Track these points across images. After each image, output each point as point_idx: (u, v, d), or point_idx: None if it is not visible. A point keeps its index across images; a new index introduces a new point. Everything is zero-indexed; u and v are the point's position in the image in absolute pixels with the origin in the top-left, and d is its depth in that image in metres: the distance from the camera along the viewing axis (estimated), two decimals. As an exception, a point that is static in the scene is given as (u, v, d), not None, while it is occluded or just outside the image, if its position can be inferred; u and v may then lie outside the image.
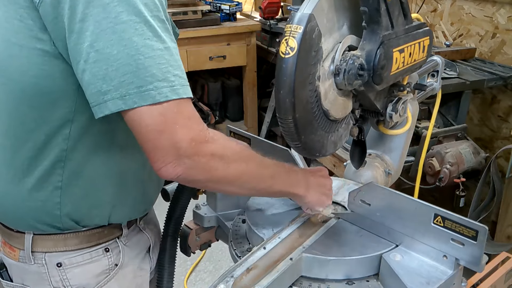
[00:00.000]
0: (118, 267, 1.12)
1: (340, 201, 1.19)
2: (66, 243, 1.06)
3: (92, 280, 1.09)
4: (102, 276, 1.10)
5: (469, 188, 2.46)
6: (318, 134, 0.98)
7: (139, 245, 1.20)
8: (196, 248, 1.30)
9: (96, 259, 1.09)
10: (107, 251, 1.10)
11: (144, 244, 1.22)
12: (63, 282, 1.07)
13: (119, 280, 1.13)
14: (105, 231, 1.09)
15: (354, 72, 0.93)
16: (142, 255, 1.21)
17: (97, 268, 1.09)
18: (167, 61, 0.88)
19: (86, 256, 1.08)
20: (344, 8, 0.96)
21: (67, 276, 1.07)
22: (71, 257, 1.07)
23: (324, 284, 0.96)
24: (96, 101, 0.86)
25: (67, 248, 1.06)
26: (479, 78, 2.46)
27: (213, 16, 3.77)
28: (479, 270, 0.91)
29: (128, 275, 1.15)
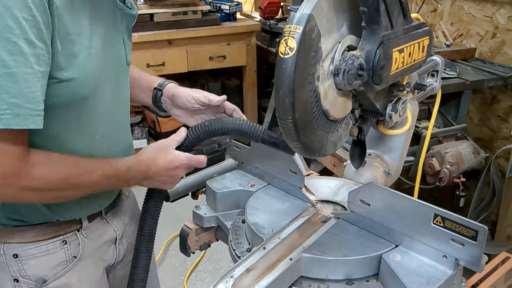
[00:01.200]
0: (77, 259, 1.15)
1: (340, 201, 1.19)
2: (22, 235, 1.09)
3: (49, 271, 1.12)
4: (60, 267, 1.13)
5: (469, 188, 2.46)
6: (318, 134, 0.98)
7: (103, 237, 1.23)
8: (196, 248, 1.30)
9: (52, 251, 1.12)
10: (64, 243, 1.12)
11: (109, 236, 1.26)
12: (20, 272, 1.10)
13: (79, 271, 1.16)
14: (62, 225, 1.12)
15: (353, 72, 0.93)
16: (105, 246, 1.25)
17: (54, 260, 1.12)
18: (2, 87, 0.85)
19: (43, 248, 1.10)
20: (343, 8, 0.96)
21: (23, 267, 1.10)
22: (27, 249, 1.09)
23: (324, 284, 0.96)
24: None
25: (23, 240, 1.09)
26: (479, 78, 2.46)
27: (213, 16, 3.77)
28: (479, 270, 0.91)
29: (88, 267, 1.18)
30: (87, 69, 1.00)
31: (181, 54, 3.61)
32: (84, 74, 0.99)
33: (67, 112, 1.02)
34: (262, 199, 1.20)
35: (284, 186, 1.24)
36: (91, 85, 1.02)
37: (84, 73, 0.99)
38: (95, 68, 1.02)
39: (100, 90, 1.06)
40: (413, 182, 1.41)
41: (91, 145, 1.10)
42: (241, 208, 1.23)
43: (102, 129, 1.11)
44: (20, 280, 1.11)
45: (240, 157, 1.36)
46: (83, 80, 0.99)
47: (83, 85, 1.00)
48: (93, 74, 1.02)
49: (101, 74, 1.05)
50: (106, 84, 1.09)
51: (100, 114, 1.09)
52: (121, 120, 1.20)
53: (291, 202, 1.19)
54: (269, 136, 1.13)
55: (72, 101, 1.01)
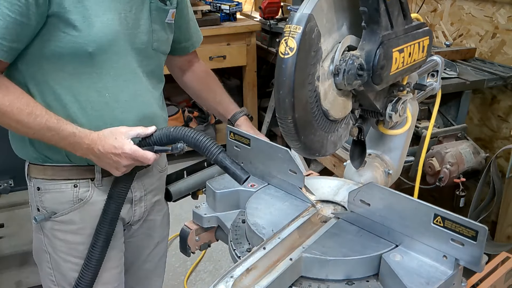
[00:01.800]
0: (83, 202, 1.35)
1: (340, 201, 1.19)
2: (45, 172, 1.34)
3: (58, 206, 1.35)
4: (67, 205, 1.34)
5: (469, 188, 2.46)
6: (318, 134, 0.98)
7: None
8: (196, 248, 1.30)
9: (63, 190, 1.34)
10: (75, 186, 1.34)
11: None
12: (40, 203, 1.36)
13: (82, 212, 1.36)
14: (74, 170, 1.33)
15: (353, 72, 0.93)
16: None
17: (64, 198, 1.34)
18: None
19: (57, 186, 1.34)
20: (343, 8, 0.96)
21: (42, 199, 1.36)
22: (46, 184, 1.35)
23: (324, 284, 0.96)
24: None
25: (44, 177, 1.35)
26: (479, 78, 2.46)
27: (213, 16, 3.77)
28: (479, 270, 0.91)
29: (93, 212, 1.36)
30: (93, 30, 1.20)
31: (181, 54, 3.61)
32: (90, 33, 1.19)
33: (77, 64, 1.23)
34: (262, 199, 1.20)
35: (284, 186, 1.24)
36: (96, 45, 1.21)
37: (90, 33, 1.20)
38: (103, 33, 1.21)
39: (110, 55, 1.25)
40: (413, 182, 1.41)
41: (103, 102, 1.28)
42: (241, 208, 1.23)
43: (112, 91, 1.29)
44: (40, 209, 1.36)
45: (240, 157, 1.35)
46: (88, 38, 1.20)
47: (88, 41, 1.20)
48: (99, 37, 1.21)
49: (111, 42, 1.24)
50: (119, 53, 1.27)
51: (110, 76, 1.28)
52: (138, 91, 1.34)
53: (291, 202, 1.19)
54: (224, 159, 1.20)
55: (78, 54, 1.21)
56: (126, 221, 1.45)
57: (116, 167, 1.24)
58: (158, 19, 1.36)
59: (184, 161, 4.04)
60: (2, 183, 2.48)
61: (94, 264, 1.33)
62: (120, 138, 1.21)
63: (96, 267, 1.34)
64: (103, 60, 1.25)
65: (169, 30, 1.43)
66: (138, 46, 1.32)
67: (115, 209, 1.33)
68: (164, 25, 1.39)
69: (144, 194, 1.46)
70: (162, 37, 1.40)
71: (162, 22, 1.38)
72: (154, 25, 1.35)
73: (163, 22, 1.38)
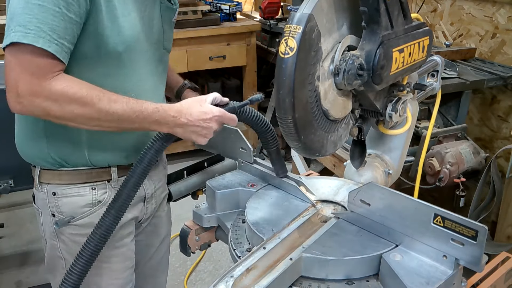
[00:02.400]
0: (101, 204, 1.32)
1: (340, 201, 1.19)
2: (61, 178, 1.31)
3: (77, 210, 1.31)
4: (86, 208, 1.31)
5: (469, 188, 2.46)
6: (318, 134, 0.98)
7: None
8: (196, 248, 1.30)
9: (82, 194, 1.31)
10: (93, 189, 1.32)
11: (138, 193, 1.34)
12: (56, 208, 1.32)
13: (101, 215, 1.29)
14: (93, 173, 1.31)
15: (353, 72, 0.93)
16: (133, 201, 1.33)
17: (82, 202, 1.31)
18: (34, 14, 1.06)
19: (74, 190, 1.30)
20: (343, 8, 0.96)
21: (58, 204, 1.32)
22: (63, 189, 1.31)
23: (324, 284, 0.96)
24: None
25: (61, 182, 1.31)
26: (479, 78, 2.46)
27: (213, 16, 3.77)
28: (479, 270, 0.91)
29: None
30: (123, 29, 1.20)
31: (181, 54, 3.61)
32: (120, 33, 1.20)
33: (107, 65, 1.22)
34: (262, 199, 1.20)
35: (284, 186, 1.24)
36: (125, 45, 1.22)
37: (119, 32, 1.20)
38: (130, 33, 1.22)
39: (135, 56, 1.26)
40: (413, 182, 1.41)
41: None
42: (241, 208, 1.23)
43: (136, 90, 1.27)
44: (56, 215, 1.32)
45: (240, 157, 1.36)
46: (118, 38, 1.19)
47: (118, 41, 1.20)
48: (128, 36, 1.22)
49: (136, 42, 1.25)
50: (141, 54, 1.28)
51: (135, 77, 1.28)
52: (154, 90, 1.36)
53: (291, 202, 1.19)
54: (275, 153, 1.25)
55: (110, 54, 1.20)
56: (139, 219, 1.44)
57: (205, 134, 1.20)
58: (167, 18, 1.39)
59: (184, 161, 4.03)
60: (2, 183, 2.48)
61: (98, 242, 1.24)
62: (204, 104, 1.20)
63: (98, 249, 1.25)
64: (131, 59, 1.26)
65: (172, 29, 1.46)
66: (154, 46, 1.34)
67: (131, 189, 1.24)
68: (171, 24, 1.42)
69: (154, 191, 1.46)
70: (170, 36, 1.42)
71: (170, 21, 1.41)
72: (164, 25, 1.37)
73: (171, 21, 1.41)
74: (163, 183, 1.50)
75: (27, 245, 2.86)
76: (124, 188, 1.21)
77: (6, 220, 3.07)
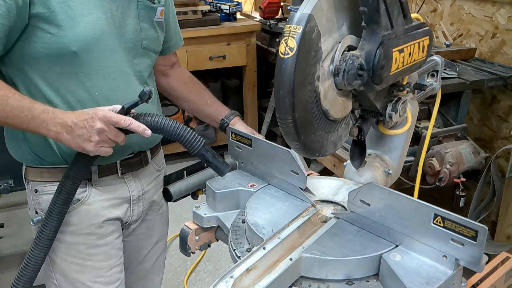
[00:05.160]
0: (80, 202, 1.34)
1: (340, 201, 1.19)
2: (42, 175, 1.34)
3: None
4: None
5: (469, 188, 2.46)
6: (318, 134, 0.98)
7: (115, 193, 1.40)
8: (196, 248, 1.30)
9: None
10: None
11: (122, 194, 1.41)
12: (38, 205, 1.36)
13: (80, 213, 1.35)
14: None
15: (353, 72, 0.93)
16: (117, 202, 1.41)
17: None
18: None
19: (54, 188, 1.28)
20: (343, 8, 0.96)
21: (39, 201, 1.35)
22: (43, 186, 1.34)
23: (324, 284, 0.96)
24: None
25: (42, 179, 1.34)
26: (479, 78, 2.46)
27: (213, 16, 3.77)
28: (479, 270, 0.91)
29: (90, 212, 1.36)
30: (78, 30, 1.20)
31: (181, 54, 3.57)
32: (74, 33, 1.20)
33: (64, 65, 1.23)
34: (262, 199, 1.20)
35: (284, 186, 1.24)
36: (81, 44, 1.21)
37: (74, 32, 1.20)
38: (87, 33, 1.22)
39: (97, 54, 1.25)
40: (413, 182, 1.41)
41: (93, 101, 1.27)
42: (241, 208, 1.23)
43: (102, 89, 1.28)
44: (38, 212, 1.36)
45: (240, 157, 1.36)
46: (72, 37, 1.20)
47: (72, 41, 1.20)
48: (84, 35, 1.21)
49: (96, 42, 1.24)
50: (107, 52, 1.27)
51: (99, 75, 1.27)
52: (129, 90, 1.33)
53: (291, 202, 1.19)
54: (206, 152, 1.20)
55: (64, 54, 1.21)
56: (124, 221, 1.45)
57: (89, 137, 1.14)
58: (146, 17, 1.37)
59: (184, 161, 4.03)
60: (2, 183, 2.49)
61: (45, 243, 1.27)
62: (95, 108, 1.18)
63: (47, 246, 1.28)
64: (90, 59, 1.25)
65: (159, 28, 1.43)
66: (127, 45, 1.32)
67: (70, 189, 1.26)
68: (153, 23, 1.39)
69: (142, 194, 1.46)
70: (152, 35, 1.40)
71: (151, 20, 1.39)
72: (142, 24, 1.36)
73: (152, 20, 1.39)
74: (154, 186, 1.51)
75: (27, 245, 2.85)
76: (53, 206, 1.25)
77: (6, 220, 3.07)
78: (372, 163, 1.22)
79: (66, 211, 1.29)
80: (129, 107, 1.19)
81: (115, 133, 1.16)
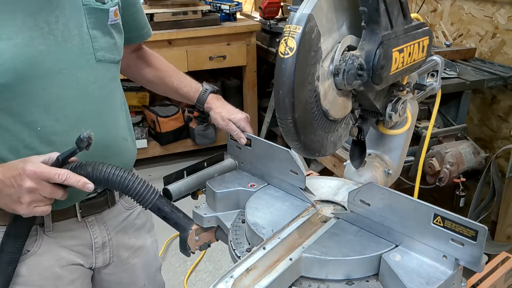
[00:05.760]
0: (30, 253, 1.14)
1: (340, 201, 1.19)
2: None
3: None
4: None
5: (469, 188, 2.46)
6: (318, 134, 0.98)
7: (72, 240, 1.21)
8: (196, 248, 1.30)
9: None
10: None
11: (84, 241, 1.23)
12: None
13: (30, 266, 1.15)
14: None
15: (353, 72, 0.93)
16: (75, 249, 1.22)
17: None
18: None
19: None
20: (343, 8, 0.96)
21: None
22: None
23: (324, 284, 0.96)
24: None
25: None
26: (479, 78, 2.46)
27: (213, 16, 3.77)
28: (479, 270, 0.91)
29: (44, 263, 1.17)
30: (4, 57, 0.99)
31: (181, 54, 3.61)
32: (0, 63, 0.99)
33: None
34: (262, 199, 1.20)
35: (284, 186, 1.24)
36: (10, 75, 1.01)
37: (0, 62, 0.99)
38: (19, 58, 1.01)
39: (35, 82, 1.05)
40: (413, 182, 1.41)
41: (36, 136, 1.08)
42: (241, 208, 1.23)
43: (44, 122, 1.08)
44: None
45: (240, 157, 1.36)
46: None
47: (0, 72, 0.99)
48: (14, 63, 1.01)
49: (32, 66, 1.03)
50: (47, 78, 1.06)
51: (39, 107, 1.07)
52: (82, 118, 1.13)
53: (291, 202, 1.19)
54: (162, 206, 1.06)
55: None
56: (85, 266, 1.27)
57: (18, 198, 0.96)
58: (97, 23, 1.14)
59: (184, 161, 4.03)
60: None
61: None
62: (26, 159, 0.99)
63: None
64: (26, 89, 1.04)
65: (116, 32, 1.20)
66: (75, 63, 1.10)
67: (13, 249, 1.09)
68: (107, 28, 1.16)
69: (108, 239, 1.29)
70: (107, 44, 1.17)
71: (104, 25, 1.16)
72: (93, 32, 1.13)
73: (105, 25, 1.16)
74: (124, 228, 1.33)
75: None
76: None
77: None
78: (372, 163, 1.22)
79: (13, 271, 1.11)
80: (65, 158, 1.01)
81: (50, 190, 0.99)
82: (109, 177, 1.01)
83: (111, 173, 1.01)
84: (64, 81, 1.09)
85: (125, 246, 1.36)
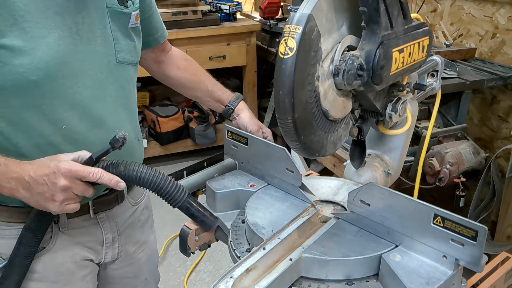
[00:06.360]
0: (45, 250, 1.17)
1: (340, 201, 1.19)
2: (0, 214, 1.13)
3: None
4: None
5: (469, 188, 2.46)
6: (318, 134, 0.98)
7: (85, 236, 1.25)
8: (196, 248, 1.30)
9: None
10: None
11: (95, 237, 1.26)
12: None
13: (45, 262, 1.17)
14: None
15: (353, 72, 0.93)
16: (87, 245, 1.25)
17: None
18: None
19: (13, 231, 1.13)
20: (343, 8, 0.96)
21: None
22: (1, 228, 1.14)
23: (324, 284, 0.96)
24: None
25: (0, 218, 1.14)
26: (479, 78, 2.46)
27: (213, 16, 3.77)
28: (479, 270, 0.91)
29: (58, 260, 1.20)
30: (38, 55, 1.02)
31: (181, 54, 3.61)
32: (33, 59, 1.01)
33: (23, 97, 1.04)
34: (262, 199, 1.20)
35: (284, 186, 1.24)
36: (42, 72, 1.03)
37: (33, 59, 1.01)
38: (51, 57, 1.04)
39: (63, 81, 1.07)
40: (413, 182, 1.41)
41: (60, 134, 1.10)
42: (241, 208, 1.23)
43: (69, 121, 1.11)
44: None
45: (237, 156, 1.36)
46: (31, 65, 1.01)
47: (31, 69, 1.02)
48: (46, 62, 1.03)
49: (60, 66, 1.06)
50: (74, 77, 1.09)
51: (65, 105, 1.09)
52: (102, 117, 1.16)
53: (291, 202, 1.19)
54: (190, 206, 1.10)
55: (22, 85, 1.03)
56: (95, 261, 1.31)
57: (52, 196, 0.98)
58: (120, 25, 1.18)
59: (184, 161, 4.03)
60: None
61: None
62: (56, 157, 1.01)
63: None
64: (54, 87, 1.06)
65: (136, 35, 1.24)
66: (97, 64, 1.13)
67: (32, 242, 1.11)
68: (128, 31, 1.20)
69: (117, 234, 1.32)
70: (127, 46, 1.20)
71: (125, 28, 1.19)
72: (115, 34, 1.17)
73: (126, 28, 1.19)
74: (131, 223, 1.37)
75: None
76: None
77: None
78: (372, 163, 1.22)
79: (29, 264, 1.13)
80: (98, 157, 1.04)
81: (82, 189, 1.01)
82: (141, 176, 1.04)
83: (143, 172, 1.05)
84: (87, 81, 1.12)
85: (132, 241, 1.39)
